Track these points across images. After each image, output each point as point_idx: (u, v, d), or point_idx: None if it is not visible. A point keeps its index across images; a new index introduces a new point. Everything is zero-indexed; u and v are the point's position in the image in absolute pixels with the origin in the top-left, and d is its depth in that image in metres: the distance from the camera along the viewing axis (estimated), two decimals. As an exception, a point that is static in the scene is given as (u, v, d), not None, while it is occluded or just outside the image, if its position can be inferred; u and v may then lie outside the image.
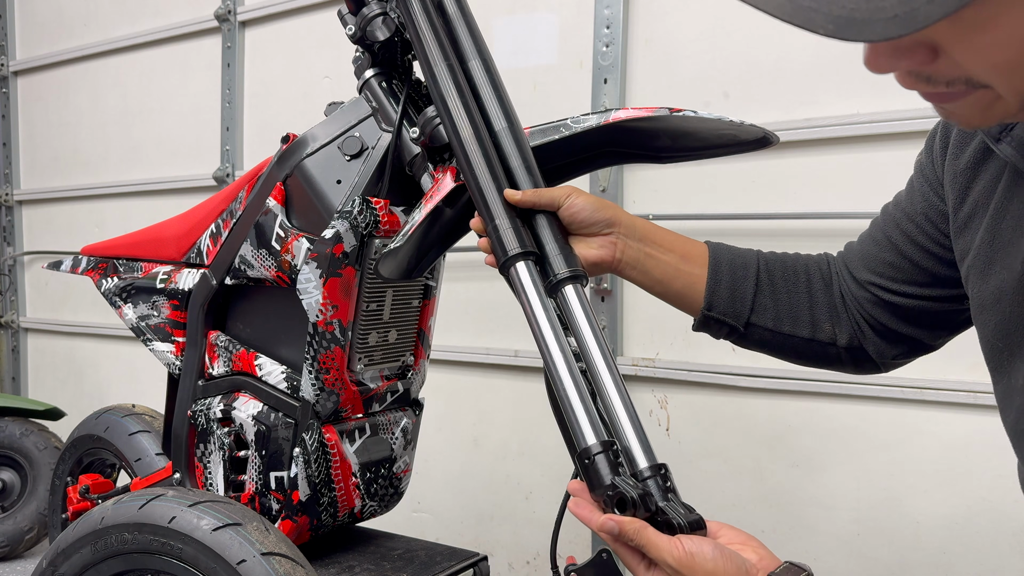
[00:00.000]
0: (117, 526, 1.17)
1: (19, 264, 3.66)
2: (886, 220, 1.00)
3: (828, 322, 1.02)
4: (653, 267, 1.02)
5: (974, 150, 0.84)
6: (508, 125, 1.08)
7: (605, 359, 0.94)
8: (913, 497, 1.83)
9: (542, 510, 2.32)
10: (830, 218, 1.88)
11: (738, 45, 1.98)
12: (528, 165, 1.05)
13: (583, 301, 0.97)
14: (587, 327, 0.95)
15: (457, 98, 1.07)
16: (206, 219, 1.48)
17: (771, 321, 1.02)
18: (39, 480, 2.63)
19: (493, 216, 1.00)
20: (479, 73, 1.12)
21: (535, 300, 0.96)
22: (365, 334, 1.37)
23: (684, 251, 1.04)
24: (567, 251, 0.99)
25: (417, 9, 1.15)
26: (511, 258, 0.98)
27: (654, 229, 1.04)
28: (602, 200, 1.02)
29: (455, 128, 1.06)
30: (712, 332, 1.06)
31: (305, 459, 1.31)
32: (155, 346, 1.52)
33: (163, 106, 3.14)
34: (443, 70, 1.09)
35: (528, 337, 1.48)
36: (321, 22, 2.68)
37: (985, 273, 0.81)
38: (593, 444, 0.87)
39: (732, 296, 1.02)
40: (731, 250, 1.06)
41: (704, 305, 1.02)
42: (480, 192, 1.02)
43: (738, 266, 1.03)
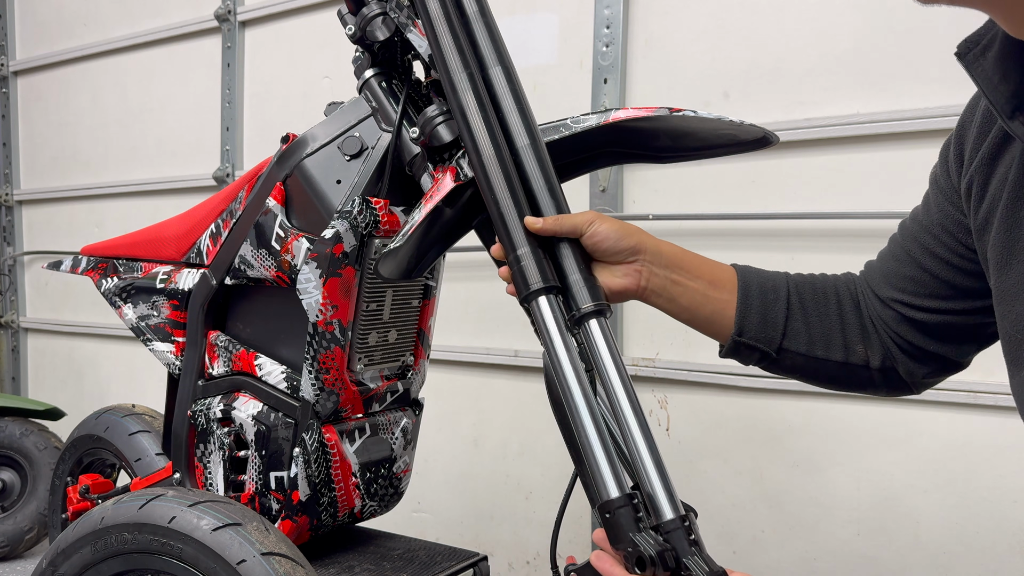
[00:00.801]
0: (117, 526, 1.17)
1: (19, 264, 3.66)
2: (904, 235, 0.99)
3: (860, 344, 0.99)
4: (680, 295, 0.99)
5: (990, 145, 0.82)
6: (531, 142, 1.02)
7: (630, 399, 0.91)
8: (913, 497, 1.83)
9: (542, 510, 2.32)
10: (830, 218, 1.88)
11: (738, 45, 1.98)
12: (551, 187, 1.00)
13: (607, 336, 0.94)
14: (612, 364, 0.92)
15: (478, 112, 1.02)
16: (206, 219, 1.48)
17: (804, 346, 0.99)
18: (39, 480, 2.63)
19: (515, 245, 0.96)
20: (500, 82, 1.06)
21: (557, 339, 0.93)
22: (365, 334, 1.37)
23: (712, 276, 1.01)
24: (591, 282, 0.95)
25: (435, 9, 1.08)
26: (532, 292, 0.94)
27: (681, 254, 1.01)
28: (626, 226, 0.98)
29: (475, 146, 1.01)
30: (742, 358, 1.02)
31: (305, 459, 1.31)
32: (155, 346, 1.52)
33: (163, 106, 3.14)
34: (463, 80, 1.04)
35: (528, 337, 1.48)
36: (321, 22, 2.68)
37: (1006, 264, 0.80)
38: (616, 498, 0.85)
39: (763, 321, 0.99)
40: (760, 273, 1.03)
41: (735, 331, 0.99)
42: (501, 218, 0.97)
43: (768, 290, 1.01)
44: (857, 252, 1.86)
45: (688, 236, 2.05)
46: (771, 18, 1.94)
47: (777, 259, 1.94)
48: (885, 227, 1.83)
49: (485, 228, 1.24)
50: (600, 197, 2.14)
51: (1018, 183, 0.78)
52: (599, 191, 2.14)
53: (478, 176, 1.00)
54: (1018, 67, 0.72)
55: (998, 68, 0.73)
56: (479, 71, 1.06)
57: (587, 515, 2.19)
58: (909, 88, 1.79)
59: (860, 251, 1.86)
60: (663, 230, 2.09)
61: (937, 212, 0.93)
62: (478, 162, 1.00)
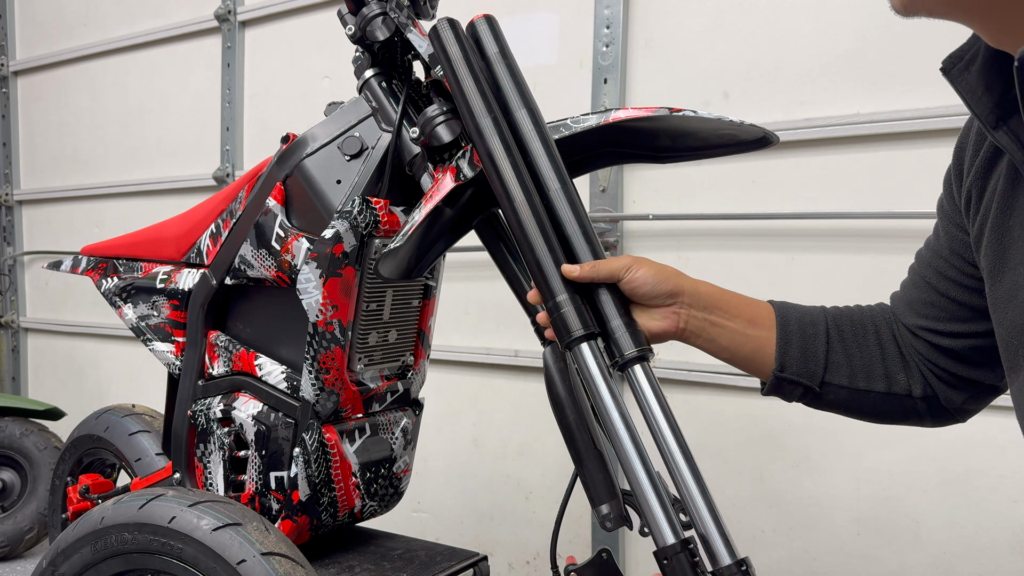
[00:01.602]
0: (117, 526, 1.17)
1: (19, 264, 3.66)
2: (920, 263, 0.99)
3: (902, 373, 0.98)
4: (719, 335, 0.99)
5: (983, 158, 0.84)
6: (562, 186, 1.01)
7: (679, 443, 0.91)
8: (913, 497, 1.83)
9: (542, 510, 2.32)
10: (830, 218, 1.88)
11: (738, 45, 1.98)
12: (586, 231, 0.99)
13: (652, 381, 0.94)
14: (658, 408, 0.93)
15: (506, 158, 1.00)
16: (206, 219, 1.48)
17: (846, 378, 0.99)
18: (39, 480, 2.63)
19: (553, 293, 0.96)
20: (527, 125, 1.04)
21: (601, 385, 0.93)
22: (365, 334, 1.37)
23: (750, 314, 1.00)
24: (632, 327, 0.95)
25: (455, 53, 1.06)
26: (574, 340, 0.94)
27: (719, 294, 1.00)
28: (664, 269, 0.98)
29: (507, 193, 0.99)
30: (785, 395, 1.02)
31: (305, 459, 1.31)
32: (155, 346, 1.52)
33: (163, 106, 3.14)
34: (488, 124, 1.02)
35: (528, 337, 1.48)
36: (321, 22, 2.68)
37: (998, 272, 0.81)
38: (672, 544, 0.85)
39: (804, 355, 0.99)
40: (797, 308, 1.03)
41: (776, 367, 0.99)
42: (538, 266, 0.97)
43: (807, 324, 1.00)
44: (857, 252, 1.87)
45: (688, 236, 2.05)
46: (771, 18, 1.94)
47: (777, 259, 1.94)
48: (885, 227, 1.83)
49: (485, 228, 1.24)
50: (600, 197, 2.14)
51: (1006, 193, 0.79)
52: (599, 191, 2.14)
53: (511, 223, 0.99)
54: (1000, 78, 0.73)
55: (981, 80, 0.74)
56: (503, 114, 1.05)
57: (587, 515, 2.19)
58: (909, 88, 1.79)
59: (860, 251, 1.86)
60: (663, 230, 2.09)
61: (945, 236, 0.94)
62: (510, 208, 0.99)
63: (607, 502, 1.10)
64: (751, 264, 1.96)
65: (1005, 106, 0.73)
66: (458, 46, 1.07)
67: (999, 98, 0.73)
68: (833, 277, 1.88)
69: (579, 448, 1.08)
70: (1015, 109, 0.72)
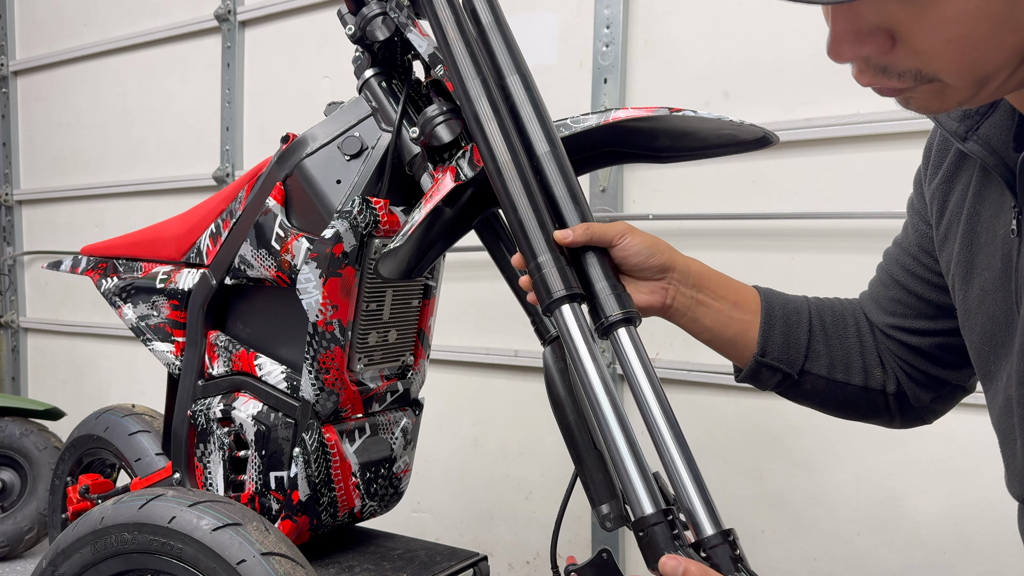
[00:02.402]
0: (117, 526, 1.17)
1: (19, 264, 3.66)
2: (887, 260, 1.00)
3: (879, 368, 0.98)
4: (704, 315, 0.97)
5: (949, 162, 0.85)
6: (551, 149, 0.99)
7: (664, 410, 0.88)
8: (913, 497, 1.83)
9: (542, 510, 2.32)
10: (830, 218, 1.88)
11: (738, 45, 1.98)
12: (574, 194, 0.97)
13: (638, 345, 0.91)
14: (643, 374, 0.89)
15: (493, 119, 0.98)
16: (206, 219, 1.48)
17: (825, 368, 0.98)
18: (39, 480, 2.63)
19: (535, 253, 0.92)
20: (518, 90, 1.03)
21: (582, 346, 0.89)
22: (365, 334, 1.37)
23: (736, 297, 0.99)
24: (619, 290, 0.92)
25: (446, 16, 1.06)
26: (555, 301, 0.90)
27: (708, 273, 0.99)
28: (657, 242, 0.95)
29: (491, 153, 0.97)
30: (761, 381, 1.01)
31: (305, 459, 1.31)
32: (155, 346, 1.52)
33: (163, 106, 3.14)
34: (477, 86, 1.00)
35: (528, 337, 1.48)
36: (321, 22, 2.68)
37: (967, 278, 0.82)
38: (651, 514, 0.81)
39: (786, 342, 0.98)
40: (782, 295, 1.02)
41: (757, 351, 0.98)
42: (520, 226, 0.94)
43: (791, 311, 1.00)
44: (857, 252, 1.87)
45: (688, 236, 2.05)
46: (771, 18, 1.94)
47: (777, 259, 1.94)
48: (885, 227, 1.83)
49: (485, 228, 1.24)
50: (600, 197, 2.14)
51: (975, 200, 0.80)
52: (599, 191, 2.14)
53: (495, 182, 0.97)
54: None
55: None
56: (497, 80, 1.03)
57: (587, 515, 2.19)
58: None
59: (860, 251, 1.86)
60: (663, 230, 2.09)
61: (914, 233, 0.95)
62: (494, 168, 0.97)
63: (607, 502, 1.10)
64: (751, 264, 1.96)
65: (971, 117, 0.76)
66: (450, 9, 1.06)
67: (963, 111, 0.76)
68: (833, 277, 1.88)
69: (579, 448, 1.08)
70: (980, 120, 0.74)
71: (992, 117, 0.74)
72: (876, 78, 0.62)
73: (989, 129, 0.74)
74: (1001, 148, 0.73)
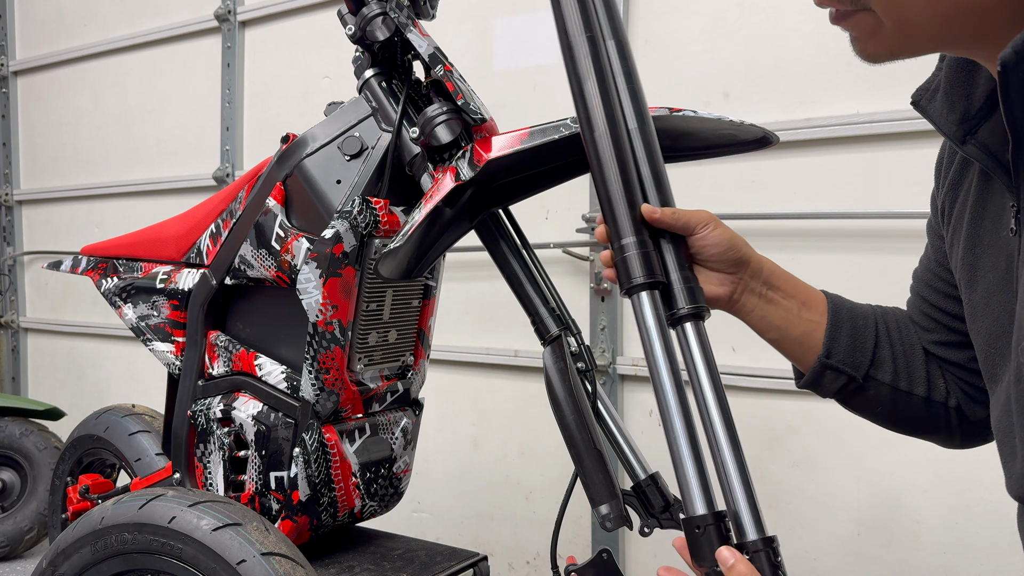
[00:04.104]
0: (117, 526, 1.17)
1: (19, 264, 3.66)
2: (915, 279, 1.00)
3: (940, 379, 0.96)
4: (772, 313, 0.96)
5: (954, 170, 0.86)
6: (639, 125, 0.95)
7: (722, 410, 0.87)
8: (913, 497, 1.83)
9: (542, 510, 2.32)
10: (830, 218, 1.88)
11: (738, 45, 1.98)
12: (659, 177, 0.94)
13: (704, 341, 0.90)
14: (705, 371, 0.88)
15: (596, 84, 0.94)
16: (206, 219, 1.48)
17: (889, 376, 0.96)
18: (39, 480, 2.63)
19: (620, 234, 0.90)
20: (613, 58, 0.97)
21: (655, 337, 0.88)
22: (365, 334, 1.37)
23: (805, 297, 0.98)
24: (692, 283, 0.91)
25: None
26: (636, 286, 0.89)
27: (778, 272, 0.98)
28: (735, 237, 0.94)
29: (588, 119, 0.93)
30: (823, 385, 0.99)
31: (305, 459, 1.31)
32: (155, 346, 1.52)
33: (163, 106, 3.14)
34: (582, 44, 0.95)
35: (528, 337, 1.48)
36: (321, 22, 2.68)
37: (972, 281, 0.82)
38: (705, 515, 0.81)
39: (852, 345, 0.97)
40: (849, 301, 1.02)
41: (823, 352, 0.96)
42: (609, 202, 0.91)
43: (857, 315, 0.99)
44: (857, 252, 1.87)
45: (688, 236, 2.05)
46: (771, 18, 1.94)
47: (776, 259, 1.93)
48: (885, 227, 1.83)
49: (485, 228, 1.24)
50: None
51: (977, 202, 0.80)
52: (599, 191, 2.14)
53: (589, 155, 0.93)
54: (961, 96, 0.76)
55: (945, 102, 0.78)
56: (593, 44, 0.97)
57: (587, 515, 2.19)
58: (909, 88, 1.78)
59: (860, 251, 1.86)
60: (663, 230, 2.09)
61: (932, 249, 0.95)
62: (591, 139, 0.93)
63: (607, 502, 1.10)
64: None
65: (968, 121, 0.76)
66: None
67: (962, 115, 0.76)
68: (833, 277, 1.88)
69: (579, 448, 1.08)
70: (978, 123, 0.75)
71: (990, 121, 0.74)
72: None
73: (987, 132, 0.75)
74: (998, 150, 0.73)
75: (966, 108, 0.76)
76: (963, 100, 0.76)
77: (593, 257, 2.16)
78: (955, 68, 0.77)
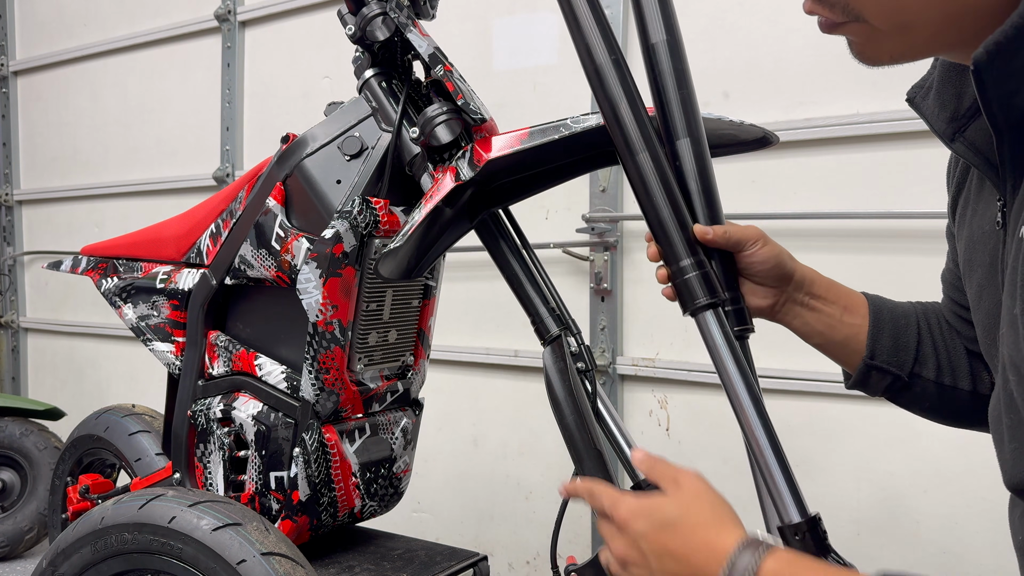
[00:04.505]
0: (117, 526, 1.17)
1: (19, 264, 3.66)
2: (943, 281, 1.02)
3: (984, 372, 0.97)
4: (815, 320, 0.99)
5: (959, 171, 0.87)
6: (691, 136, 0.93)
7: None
8: (913, 497, 1.83)
9: (542, 510, 2.32)
10: (830, 218, 1.88)
11: (738, 45, 1.98)
12: (709, 193, 0.93)
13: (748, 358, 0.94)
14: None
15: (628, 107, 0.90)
16: (206, 219, 1.48)
17: (933, 372, 0.98)
18: (39, 480, 2.63)
19: (677, 256, 0.90)
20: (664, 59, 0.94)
21: (726, 354, 0.90)
22: (365, 334, 1.37)
23: (847, 302, 1.01)
24: (740, 303, 0.94)
25: None
26: (699, 308, 0.90)
27: (820, 280, 1.01)
28: (782, 253, 0.97)
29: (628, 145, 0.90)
30: (871, 386, 1.01)
31: (305, 459, 1.31)
32: (155, 346, 1.52)
33: (163, 106, 3.14)
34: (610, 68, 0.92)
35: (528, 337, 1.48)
36: (321, 22, 2.68)
37: (969, 276, 0.83)
38: (801, 523, 0.84)
39: (895, 345, 0.99)
40: (890, 301, 1.03)
41: (867, 354, 0.98)
42: (661, 226, 0.90)
43: (899, 315, 1.00)
44: (857, 252, 1.87)
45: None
46: (771, 18, 1.94)
47: (777, 259, 1.94)
48: (885, 227, 1.83)
49: (485, 228, 1.24)
50: (600, 197, 2.14)
51: (974, 200, 0.82)
52: (599, 191, 2.14)
53: (631, 177, 0.91)
54: (952, 96, 0.78)
55: (937, 100, 0.80)
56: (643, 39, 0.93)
57: (587, 515, 2.19)
58: (909, 88, 1.79)
59: (860, 251, 1.86)
60: (663, 230, 2.09)
61: (950, 251, 0.97)
62: (632, 164, 0.91)
63: (607, 502, 1.10)
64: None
65: (958, 120, 0.78)
66: None
67: (952, 114, 0.78)
68: (833, 277, 1.88)
69: (579, 448, 1.08)
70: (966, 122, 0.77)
71: (979, 120, 0.75)
72: (815, 5, 0.69)
73: (975, 131, 0.76)
74: (986, 148, 0.74)
75: (956, 107, 0.78)
76: (954, 99, 0.78)
77: (593, 257, 2.16)
78: (947, 68, 0.79)
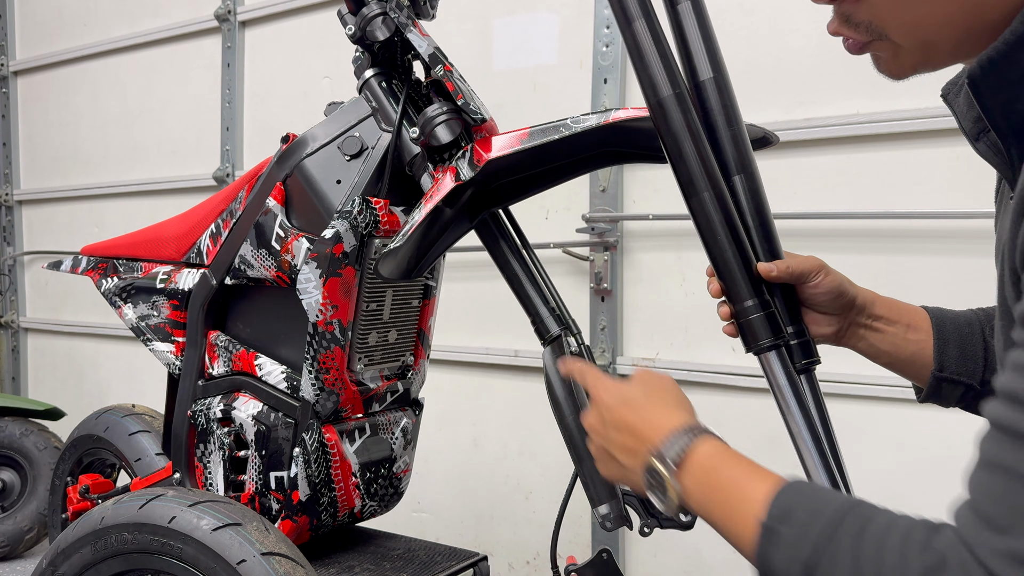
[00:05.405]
0: (117, 526, 1.17)
1: (19, 264, 3.66)
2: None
3: None
4: (880, 340, 1.01)
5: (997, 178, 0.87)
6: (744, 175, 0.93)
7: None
8: (913, 497, 1.83)
9: (542, 510, 2.32)
10: (830, 218, 1.88)
11: (738, 45, 1.98)
12: (767, 228, 0.94)
13: (816, 390, 0.94)
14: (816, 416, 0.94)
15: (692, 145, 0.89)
16: (206, 219, 1.48)
17: None
18: (39, 480, 2.63)
19: (741, 296, 0.91)
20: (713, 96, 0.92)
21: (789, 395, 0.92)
22: (365, 334, 1.37)
23: (909, 320, 1.01)
24: (806, 337, 0.94)
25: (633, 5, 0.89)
26: (763, 348, 0.91)
27: (880, 300, 1.01)
28: (844, 282, 0.97)
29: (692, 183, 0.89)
30: (943, 397, 1.01)
31: (305, 459, 1.31)
32: (155, 346, 1.52)
33: (163, 106, 3.14)
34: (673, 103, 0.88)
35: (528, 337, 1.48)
36: (321, 22, 2.68)
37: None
38: None
39: (962, 355, 0.99)
40: (951, 311, 1.04)
41: (935, 367, 0.99)
42: (725, 265, 0.91)
43: (962, 324, 1.01)
44: (857, 252, 1.87)
45: (688, 236, 2.05)
46: (771, 18, 1.94)
47: (777, 259, 1.94)
48: (885, 227, 1.83)
49: (485, 228, 1.24)
50: (600, 197, 2.14)
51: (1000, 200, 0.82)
52: (599, 191, 2.14)
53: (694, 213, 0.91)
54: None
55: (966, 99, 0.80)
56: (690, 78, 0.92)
57: (587, 515, 2.19)
58: (909, 88, 1.78)
59: (860, 251, 1.86)
60: (663, 230, 2.09)
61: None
62: (695, 203, 0.90)
63: (607, 502, 1.10)
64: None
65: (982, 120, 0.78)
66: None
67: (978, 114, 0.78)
68: (833, 277, 1.88)
69: (579, 448, 1.08)
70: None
71: None
72: (840, 27, 0.71)
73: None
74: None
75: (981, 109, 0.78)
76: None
77: (593, 257, 2.16)
78: None
